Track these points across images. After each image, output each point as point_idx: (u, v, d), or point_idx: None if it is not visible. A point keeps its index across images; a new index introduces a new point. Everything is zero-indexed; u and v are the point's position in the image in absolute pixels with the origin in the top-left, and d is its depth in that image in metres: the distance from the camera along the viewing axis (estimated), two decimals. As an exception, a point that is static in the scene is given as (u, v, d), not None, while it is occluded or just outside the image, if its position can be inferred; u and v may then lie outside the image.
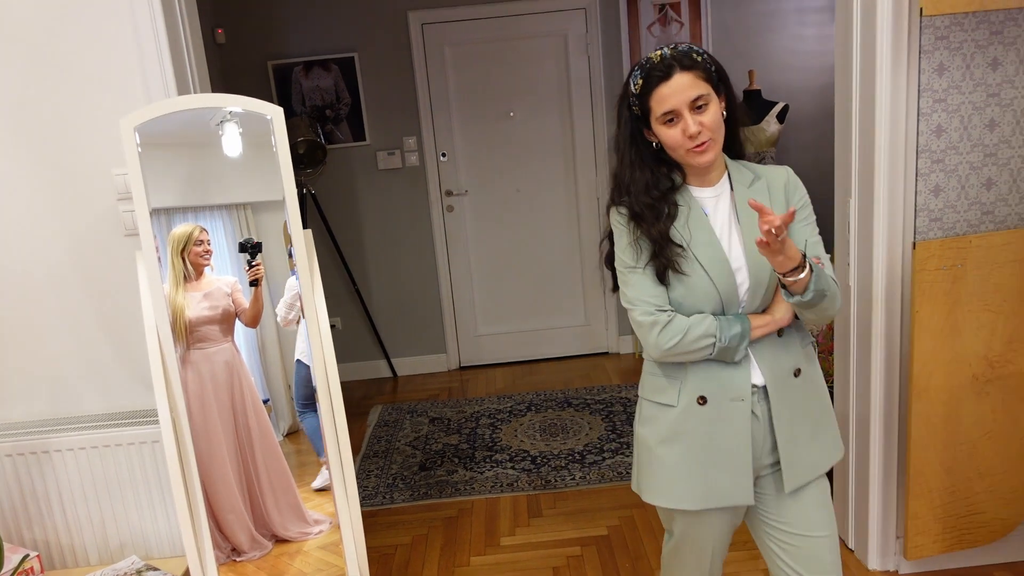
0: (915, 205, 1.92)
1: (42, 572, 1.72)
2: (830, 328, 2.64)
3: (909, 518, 2.02)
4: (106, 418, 1.97)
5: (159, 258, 1.64)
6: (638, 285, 1.41)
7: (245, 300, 1.88)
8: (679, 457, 1.44)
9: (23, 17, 1.79)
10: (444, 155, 4.21)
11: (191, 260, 1.76)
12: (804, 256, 1.28)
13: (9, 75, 1.81)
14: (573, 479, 2.98)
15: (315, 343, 1.75)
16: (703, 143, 1.33)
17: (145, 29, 1.82)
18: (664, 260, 1.38)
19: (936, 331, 1.92)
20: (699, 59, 1.34)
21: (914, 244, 1.89)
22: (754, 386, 1.41)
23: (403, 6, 4.01)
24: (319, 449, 2.01)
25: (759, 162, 3.86)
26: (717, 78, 1.36)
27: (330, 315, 4.34)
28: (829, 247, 1.58)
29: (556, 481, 2.98)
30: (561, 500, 2.84)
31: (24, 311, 1.93)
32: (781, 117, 3.87)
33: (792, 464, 1.42)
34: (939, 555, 2.09)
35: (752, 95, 3.89)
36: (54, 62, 1.82)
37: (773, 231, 1.20)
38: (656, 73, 1.33)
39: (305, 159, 3.96)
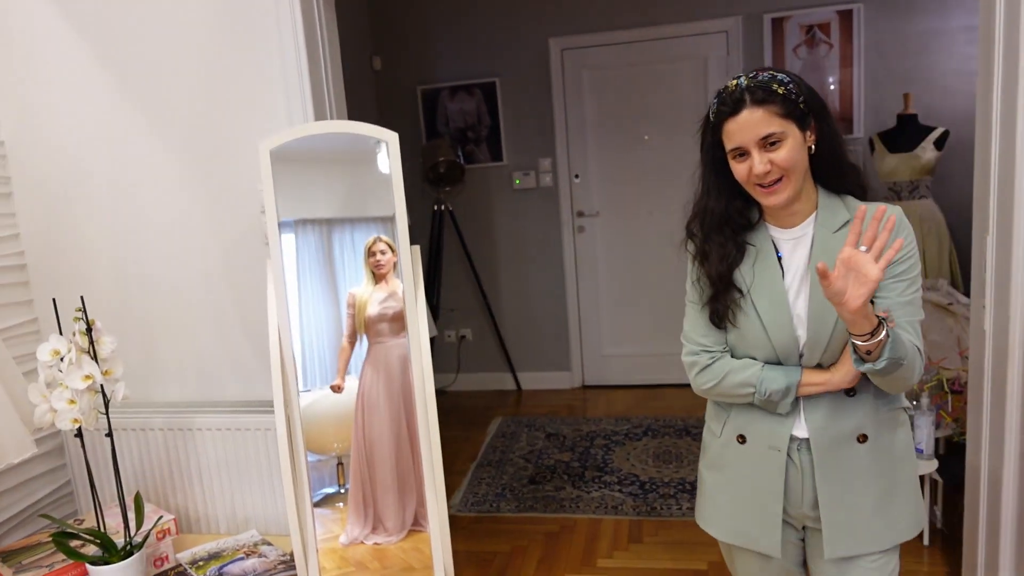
0: (1057, 245, 1.73)
1: (176, 533, 1.98)
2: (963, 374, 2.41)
3: (1041, 592, 1.80)
4: (242, 404, 2.22)
5: (283, 266, 1.84)
6: (692, 322, 1.40)
7: None
8: (717, 486, 1.43)
9: (193, 43, 2.09)
10: (577, 176, 4.29)
11: (371, 268, 1.96)
12: (882, 321, 1.15)
13: (181, 96, 2.11)
14: (680, 509, 2.92)
15: (415, 353, 1.88)
16: (772, 183, 1.23)
17: (290, 61, 2.05)
18: (720, 304, 1.33)
19: (1080, 386, 1.71)
20: (779, 90, 1.21)
21: (1055, 288, 1.70)
22: (797, 438, 1.33)
23: (544, 33, 4.15)
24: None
25: (912, 191, 3.60)
26: (805, 108, 1.23)
27: (460, 327, 4.55)
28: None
29: (662, 509, 2.94)
30: (664, 529, 2.80)
31: (180, 308, 2.23)
32: (940, 144, 3.58)
33: (836, 529, 1.33)
34: (1080, 640, 1.85)
35: (907, 120, 3.64)
36: (216, 88, 2.10)
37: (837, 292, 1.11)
38: (725, 108, 1.24)
39: (445, 177, 4.19)
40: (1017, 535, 1.96)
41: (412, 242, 1.92)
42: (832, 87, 3.92)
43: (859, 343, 1.16)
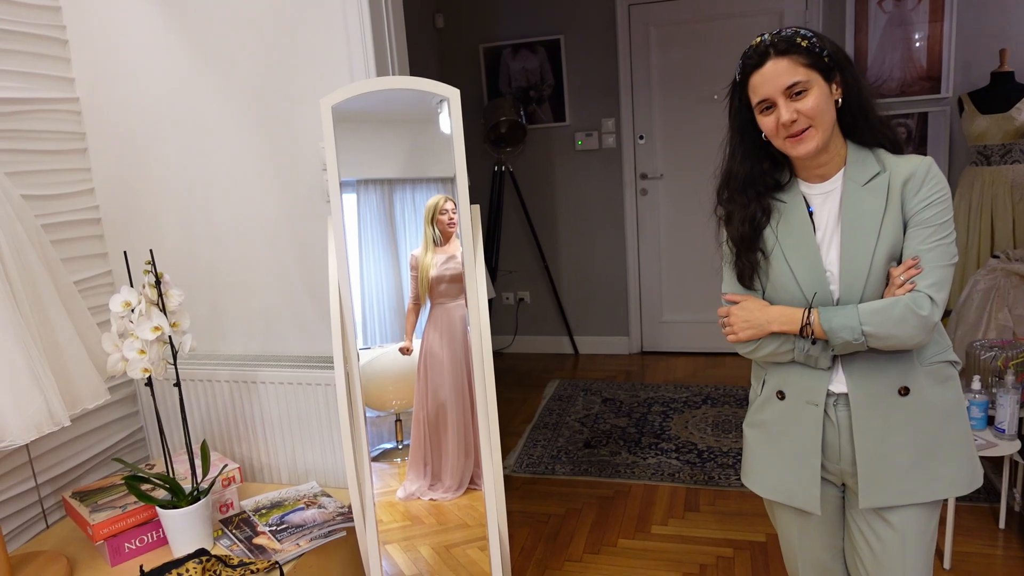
0: None
1: (241, 481, 2.04)
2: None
3: None
4: (304, 360, 2.26)
5: (344, 224, 1.85)
6: (725, 284, 1.44)
7: None
8: (758, 443, 1.46)
9: (262, 6, 2.09)
10: (642, 137, 4.17)
11: (439, 227, 1.96)
12: (807, 311, 1.28)
13: (247, 53, 2.12)
14: (739, 479, 2.87)
15: (473, 315, 1.87)
16: (799, 132, 1.25)
17: (353, 18, 2.03)
18: (744, 265, 1.37)
19: None
20: (802, 43, 1.24)
21: None
22: (835, 393, 1.33)
23: (611, -13, 4.01)
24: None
25: (1003, 155, 3.37)
26: (830, 62, 1.26)
27: (519, 290, 4.54)
28: None
29: (720, 478, 2.89)
30: (721, 498, 2.75)
31: (246, 263, 2.27)
32: (1037, 104, 3.33)
33: (873, 480, 1.32)
34: None
35: (1002, 78, 3.39)
36: (281, 45, 2.10)
37: None
38: (750, 62, 1.27)
39: (506, 138, 4.14)
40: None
41: (471, 202, 1.89)
42: (919, 43, 3.68)
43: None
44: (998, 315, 2.97)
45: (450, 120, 1.82)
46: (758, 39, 1.29)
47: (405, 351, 1.98)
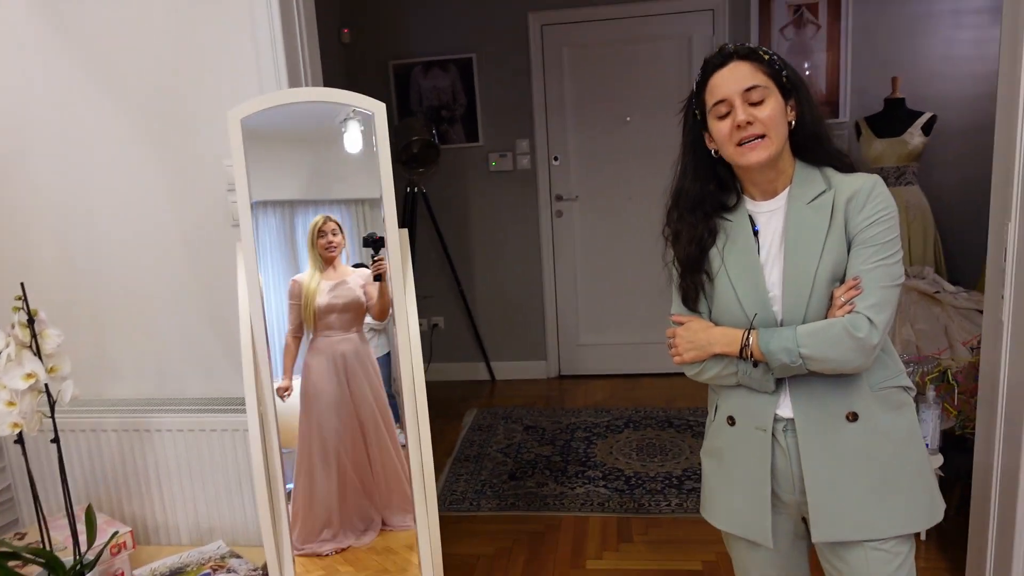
0: (1092, 233, 1.64)
1: (134, 547, 1.78)
2: (974, 367, 2.34)
3: (1062, 596, 1.73)
4: (206, 403, 2.02)
5: (256, 249, 1.65)
6: (674, 303, 1.41)
7: (375, 294, 1.89)
8: (712, 472, 1.42)
9: (156, 8, 1.86)
10: (557, 159, 4.13)
11: (318, 251, 1.78)
12: (747, 332, 1.25)
13: (142, 64, 1.89)
14: (668, 505, 2.81)
15: (403, 345, 1.71)
16: (752, 139, 1.21)
17: (262, 26, 1.85)
18: (687, 286, 1.34)
19: (1110, 382, 1.63)
20: (764, 56, 1.25)
21: (1088, 279, 1.61)
22: (783, 418, 1.29)
23: (523, 7, 3.97)
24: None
25: (898, 177, 3.54)
26: (788, 83, 1.25)
27: (433, 315, 4.37)
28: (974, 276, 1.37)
29: (650, 505, 2.82)
30: (654, 527, 2.68)
31: (137, 293, 2.01)
32: (927, 129, 3.52)
33: (821, 512, 1.27)
34: (1098, 644, 1.78)
35: (894, 104, 3.57)
36: (180, 54, 1.89)
37: None
38: (713, 61, 1.26)
39: (419, 158, 3.99)
40: (1033, 536, 1.88)
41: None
42: (815, 69, 3.83)
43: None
44: (902, 331, 3.08)
45: (375, 137, 1.67)
46: (722, 44, 1.29)
47: (282, 392, 1.79)
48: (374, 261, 1.83)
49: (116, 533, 1.72)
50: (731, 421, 1.35)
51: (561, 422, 3.70)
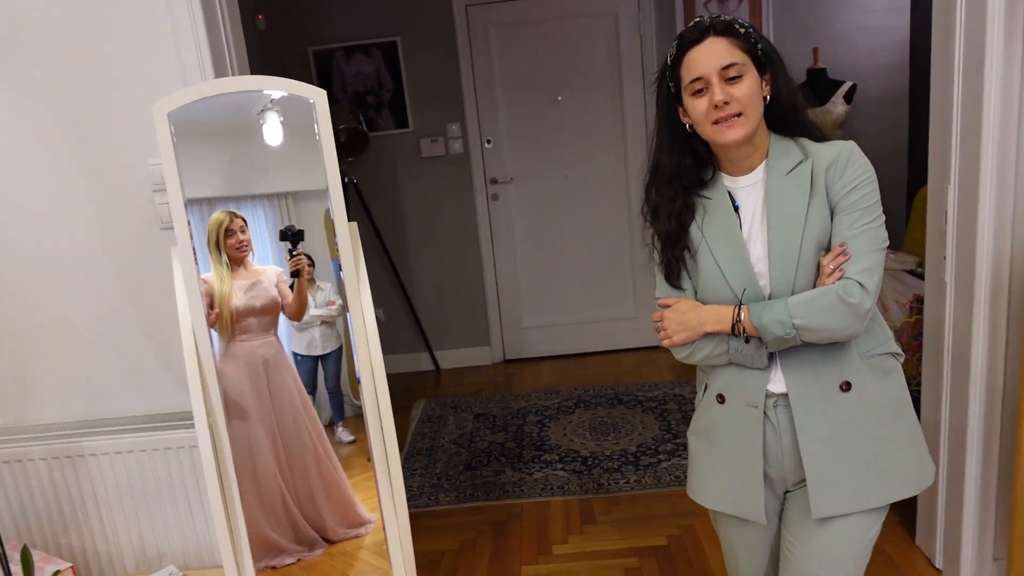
0: (1031, 192, 1.71)
1: (77, 584, 1.64)
2: (916, 327, 2.43)
3: (1015, 541, 1.81)
4: (145, 420, 1.88)
5: (195, 252, 1.53)
6: (658, 286, 1.38)
7: (291, 292, 1.78)
8: (701, 452, 1.40)
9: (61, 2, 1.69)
10: (489, 142, 4.06)
11: (227, 251, 1.66)
12: (737, 308, 1.24)
13: (47, 61, 1.71)
14: (628, 483, 2.82)
15: (360, 339, 1.63)
16: (728, 117, 1.20)
17: (181, 13, 1.70)
18: (669, 260, 1.32)
19: (1050, 334, 1.70)
20: (740, 30, 1.22)
21: (1029, 236, 1.68)
22: (774, 394, 1.28)
23: (447, -14, 3.85)
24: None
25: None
26: (763, 56, 1.23)
27: (373, 306, 4.24)
28: (898, 238, 1.38)
29: (609, 484, 2.83)
30: (615, 506, 2.69)
31: (59, 308, 1.84)
32: (849, 98, 3.62)
33: (823, 487, 1.26)
34: (1045, 581, 1.89)
35: (817, 74, 3.65)
36: (90, 48, 1.72)
37: None
38: (690, 36, 1.23)
39: (347, 147, 3.84)
40: (981, 496, 1.96)
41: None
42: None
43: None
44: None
45: (317, 126, 1.57)
46: (697, 19, 1.25)
47: None
48: (292, 256, 1.73)
49: (57, 572, 1.58)
50: (721, 399, 1.34)
51: (511, 407, 3.66)
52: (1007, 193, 1.77)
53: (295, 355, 1.91)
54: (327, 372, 1.95)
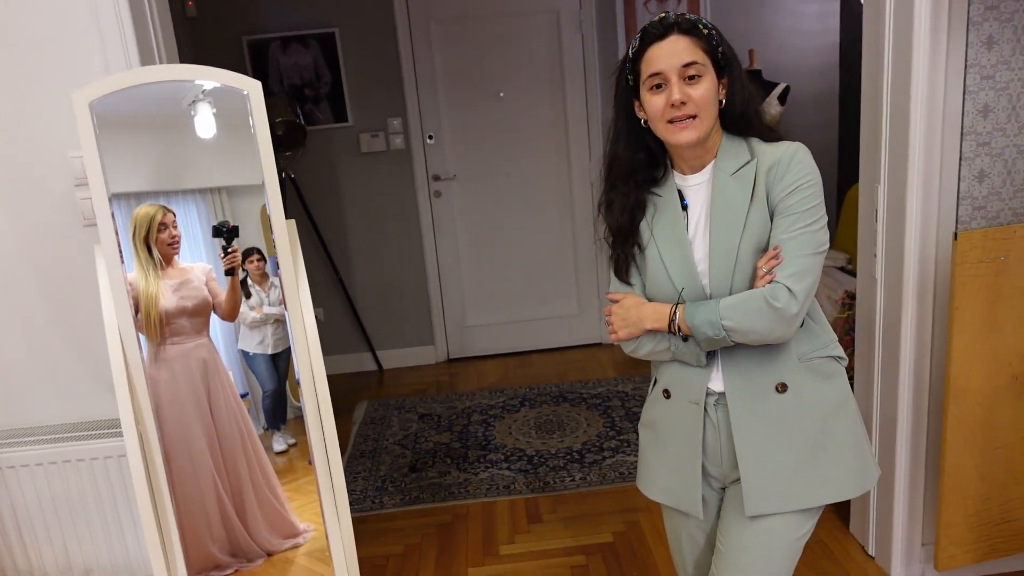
0: (957, 192, 1.77)
1: (-6, 606, 1.54)
2: (848, 322, 2.50)
3: (941, 527, 1.89)
4: (66, 429, 1.78)
5: (121, 250, 1.45)
6: (611, 283, 1.39)
7: (222, 290, 1.70)
8: (648, 444, 1.43)
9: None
10: (431, 137, 4.00)
11: (158, 247, 1.57)
12: (674, 307, 1.26)
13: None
14: (573, 480, 2.83)
15: (299, 340, 1.57)
16: (684, 118, 1.21)
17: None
18: (618, 256, 1.33)
19: (976, 328, 1.78)
20: (704, 31, 1.22)
21: (955, 235, 1.74)
22: (715, 392, 1.31)
23: (386, -22, 3.78)
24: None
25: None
26: (723, 60, 1.23)
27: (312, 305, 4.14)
28: (834, 234, 1.41)
29: (555, 483, 2.83)
30: (562, 504, 2.69)
31: (-30, 311, 1.72)
32: (783, 99, 3.72)
33: (756, 485, 1.28)
34: (970, 565, 1.97)
35: (753, 76, 3.73)
36: (4, 34, 1.61)
37: None
38: (653, 31, 1.23)
39: (284, 141, 3.73)
40: (910, 484, 2.03)
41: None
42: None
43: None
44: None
45: (252, 118, 1.51)
46: (662, 14, 1.24)
47: None
48: (226, 253, 1.67)
49: (-29, 594, 1.48)
50: (667, 394, 1.36)
51: (456, 407, 3.63)
52: (932, 192, 1.84)
53: (245, 353, 1.84)
54: (279, 371, 1.89)
